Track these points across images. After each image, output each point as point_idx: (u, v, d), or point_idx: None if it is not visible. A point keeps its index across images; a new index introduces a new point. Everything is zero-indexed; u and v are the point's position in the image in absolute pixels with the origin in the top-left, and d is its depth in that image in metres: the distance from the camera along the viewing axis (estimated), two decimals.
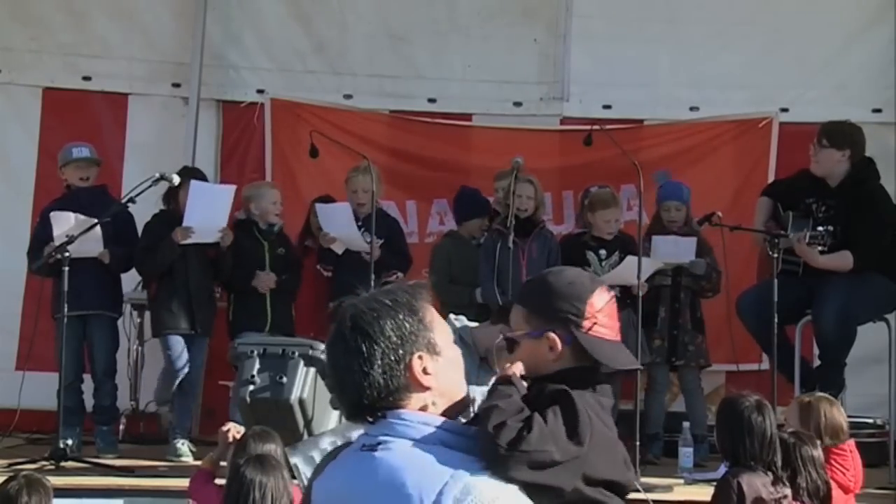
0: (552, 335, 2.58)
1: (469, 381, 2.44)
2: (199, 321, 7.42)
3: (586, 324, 2.55)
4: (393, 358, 2.29)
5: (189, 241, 7.29)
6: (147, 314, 7.91)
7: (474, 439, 2.32)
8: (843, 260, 7.01)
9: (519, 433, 2.31)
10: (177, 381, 7.40)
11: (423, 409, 2.32)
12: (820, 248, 6.97)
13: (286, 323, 7.66)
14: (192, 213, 7.28)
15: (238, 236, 7.56)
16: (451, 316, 5.38)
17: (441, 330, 2.37)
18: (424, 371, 2.31)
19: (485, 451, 2.30)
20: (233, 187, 7.71)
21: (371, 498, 2.22)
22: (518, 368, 2.53)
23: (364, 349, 2.29)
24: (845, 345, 7.10)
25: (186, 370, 7.39)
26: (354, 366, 2.29)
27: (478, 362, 5.43)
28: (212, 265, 7.51)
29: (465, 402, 2.41)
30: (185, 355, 7.40)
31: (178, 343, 7.41)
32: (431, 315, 2.37)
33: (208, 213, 7.32)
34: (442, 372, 2.34)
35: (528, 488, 2.30)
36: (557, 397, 2.44)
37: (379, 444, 2.27)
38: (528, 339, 2.61)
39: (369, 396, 2.30)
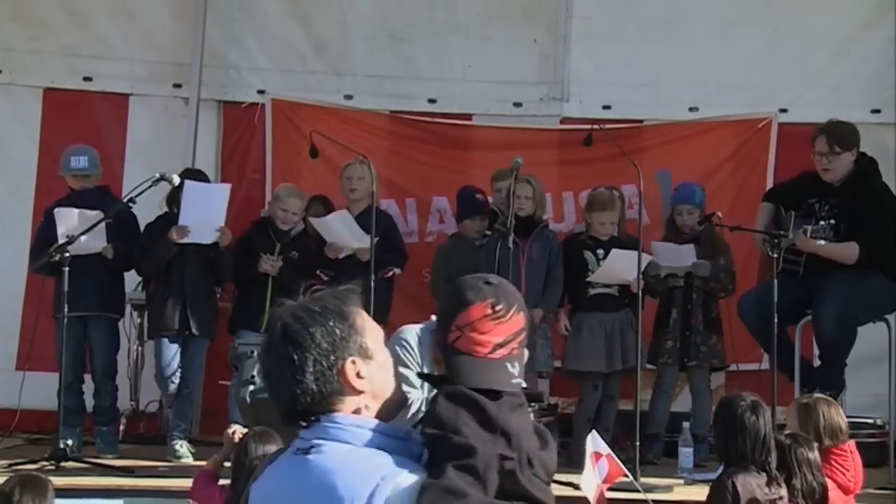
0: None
1: None
2: (196, 322, 7.37)
3: (450, 336, 2.44)
4: (325, 364, 2.30)
5: (186, 240, 7.29)
6: (147, 314, 7.90)
7: (407, 441, 2.32)
8: (848, 250, 6.97)
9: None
10: (170, 386, 7.38)
11: (357, 412, 2.33)
12: (821, 242, 6.96)
13: None
14: (188, 213, 7.28)
15: (253, 230, 7.59)
16: (434, 317, 5.37)
17: (372, 334, 2.38)
18: (358, 375, 2.32)
19: None
20: (227, 186, 7.71)
21: (303, 501, 2.24)
22: None
23: (295, 357, 2.30)
24: (845, 345, 7.07)
25: (177, 377, 7.36)
26: (287, 374, 2.31)
27: None
28: (211, 265, 7.49)
29: (399, 403, 2.41)
30: (175, 363, 7.36)
31: (168, 349, 7.38)
32: (362, 319, 2.37)
33: (204, 213, 7.32)
34: (374, 375, 2.36)
35: None
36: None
37: (312, 447, 2.29)
38: None
39: (303, 402, 2.31)
